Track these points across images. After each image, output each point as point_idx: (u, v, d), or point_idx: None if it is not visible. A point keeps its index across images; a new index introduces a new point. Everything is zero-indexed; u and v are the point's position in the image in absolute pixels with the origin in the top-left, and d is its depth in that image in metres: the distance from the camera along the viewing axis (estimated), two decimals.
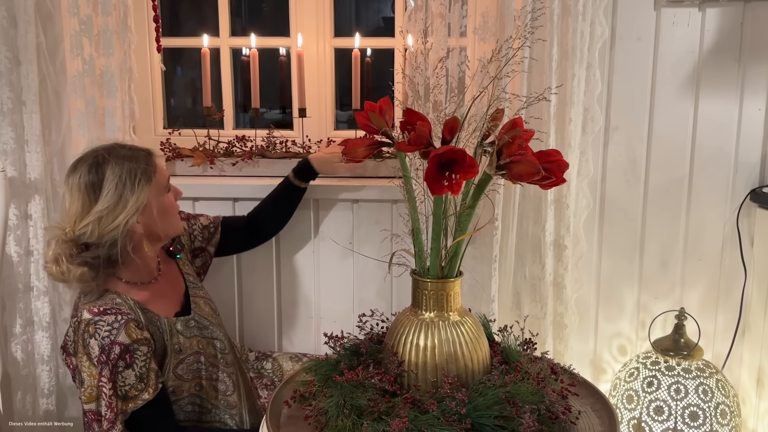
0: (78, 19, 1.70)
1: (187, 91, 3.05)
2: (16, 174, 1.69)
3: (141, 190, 1.38)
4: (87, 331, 1.35)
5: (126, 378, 1.34)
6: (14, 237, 1.71)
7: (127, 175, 1.38)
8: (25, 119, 1.68)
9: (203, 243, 1.72)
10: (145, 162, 1.42)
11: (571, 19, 1.65)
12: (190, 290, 1.61)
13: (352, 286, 1.92)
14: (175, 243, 1.65)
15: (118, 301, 1.40)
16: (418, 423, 1.09)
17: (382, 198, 1.85)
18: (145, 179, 1.40)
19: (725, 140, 1.83)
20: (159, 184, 1.44)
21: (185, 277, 1.63)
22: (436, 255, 1.21)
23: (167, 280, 1.57)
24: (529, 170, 1.10)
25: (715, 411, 1.67)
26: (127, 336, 1.34)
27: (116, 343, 1.33)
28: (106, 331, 1.34)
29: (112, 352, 1.33)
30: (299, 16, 1.99)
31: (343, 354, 1.32)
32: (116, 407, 1.34)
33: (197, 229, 1.71)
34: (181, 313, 1.54)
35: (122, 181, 1.37)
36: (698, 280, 1.90)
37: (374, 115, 1.21)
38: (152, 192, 1.42)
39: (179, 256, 1.65)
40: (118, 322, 1.35)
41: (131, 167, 1.39)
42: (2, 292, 1.70)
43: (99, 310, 1.36)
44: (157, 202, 1.43)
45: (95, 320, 1.35)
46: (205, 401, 1.55)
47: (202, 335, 1.55)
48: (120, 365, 1.33)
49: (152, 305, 1.47)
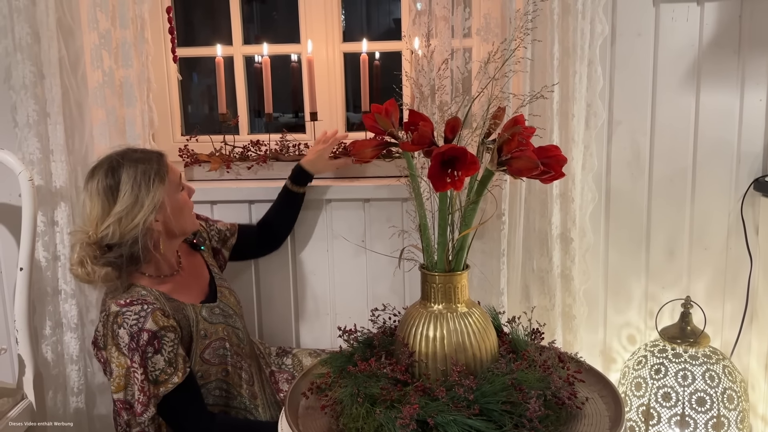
0: (97, 33, 1.77)
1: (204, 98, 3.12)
2: (43, 183, 1.77)
3: (156, 189, 1.46)
4: (116, 322, 1.43)
5: (156, 363, 1.41)
6: (42, 243, 1.79)
7: (141, 176, 1.46)
8: (50, 130, 1.76)
9: (218, 245, 1.79)
10: (157, 163, 1.50)
11: (571, 18, 1.69)
12: (216, 280, 1.69)
13: (366, 282, 1.98)
14: (197, 236, 1.73)
15: (143, 293, 1.48)
16: (428, 409, 1.13)
17: (393, 197, 1.90)
18: (158, 179, 1.47)
19: (727, 131, 1.86)
20: (172, 183, 1.52)
21: (210, 268, 1.71)
22: (443, 249, 1.26)
23: (190, 271, 1.65)
24: (528, 165, 1.14)
25: (722, 396, 1.70)
26: (155, 323, 1.42)
27: (144, 330, 1.40)
28: (134, 319, 1.41)
29: (141, 339, 1.40)
30: (309, 23, 2.05)
31: (357, 347, 1.37)
32: (149, 391, 1.41)
33: (214, 231, 1.79)
34: (206, 301, 1.62)
35: (137, 182, 1.45)
36: (705, 269, 1.94)
37: (380, 117, 1.27)
38: (166, 190, 1.49)
39: (203, 248, 1.73)
40: (145, 311, 1.43)
41: (145, 168, 1.47)
42: (32, 296, 1.78)
43: (126, 302, 1.44)
44: (171, 200, 1.51)
45: (123, 311, 1.43)
46: (231, 387, 1.63)
47: (227, 323, 1.62)
48: (149, 351, 1.40)
49: (176, 295, 1.55)
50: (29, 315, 1.66)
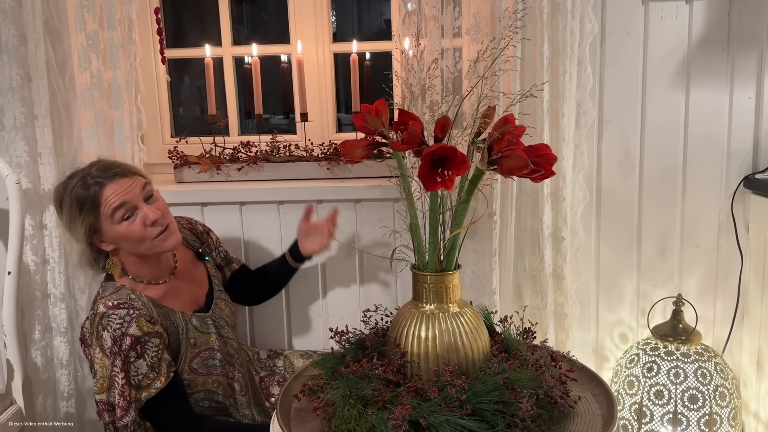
0: (85, 34, 1.75)
1: (194, 100, 3.11)
2: (31, 186, 1.76)
3: (85, 217, 1.46)
4: (101, 323, 1.43)
5: (138, 368, 1.41)
6: (30, 246, 1.78)
7: (73, 202, 1.47)
8: (38, 133, 1.74)
9: (222, 263, 1.80)
10: (93, 194, 1.47)
11: (560, 17, 1.69)
12: (215, 292, 1.68)
13: (358, 283, 1.97)
14: (204, 246, 1.74)
15: (132, 297, 1.48)
16: (420, 410, 1.12)
17: (384, 197, 1.89)
18: (87, 209, 1.46)
19: (717, 129, 1.87)
20: (104, 216, 1.47)
21: (211, 279, 1.70)
22: (434, 249, 1.25)
23: (187, 279, 1.64)
24: (518, 164, 1.14)
25: (714, 393, 1.70)
26: (138, 329, 1.41)
27: (127, 335, 1.40)
28: (118, 323, 1.41)
29: (123, 343, 1.40)
30: (298, 24, 2.05)
31: (349, 348, 1.36)
32: (129, 395, 1.40)
33: (222, 250, 1.80)
34: (199, 310, 1.61)
35: (70, 206, 1.47)
36: (696, 266, 1.94)
37: (370, 117, 1.26)
38: (101, 220, 1.47)
39: (207, 258, 1.73)
40: (130, 315, 1.42)
41: (79, 196, 1.47)
42: (21, 300, 1.76)
43: (113, 304, 1.44)
44: (107, 229, 1.48)
45: (109, 313, 1.43)
46: (223, 398, 1.62)
47: (219, 333, 1.62)
48: (131, 355, 1.40)
49: (167, 301, 1.55)
50: (18, 319, 1.65)
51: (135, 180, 1.49)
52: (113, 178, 1.46)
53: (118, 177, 1.46)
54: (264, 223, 1.95)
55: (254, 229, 1.96)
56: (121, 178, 1.47)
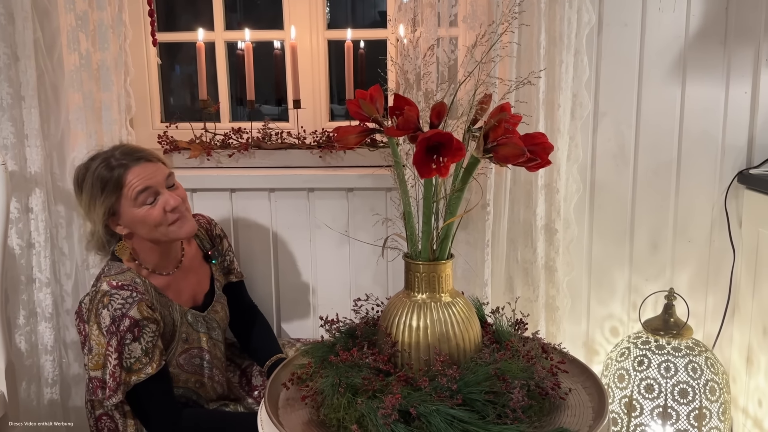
0: (74, 14, 1.72)
1: (186, 87, 3.08)
2: (17, 168, 1.73)
3: (107, 198, 1.47)
4: (102, 301, 1.42)
5: (132, 351, 1.40)
6: (16, 230, 1.75)
7: (96, 181, 1.48)
8: (25, 114, 1.71)
9: (225, 271, 1.78)
10: (117, 176, 1.48)
11: (558, 6, 1.68)
12: (215, 295, 1.68)
13: (349, 272, 1.96)
14: (214, 249, 1.73)
15: (137, 281, 1.48)
16: (410, 399, 1.11)
17: (377, 186, 1.88)
18: (109, 190, 1.47)
19: (712, 123, 1.86)
20: (126, 198, 1.48)
21: (214, 283, 1.70)
22: (427, 238, 1.24)
23: (190, 276, 1.64)
24: (514, 152, 1.12)
25: (704, 388, 1.70)
26: (138, 312, 1.41)
27: (127, 316, 1.40)
28: (119, 303, 1.41)
29: (122, 324, 1.39)
30: (292, 9, 2.02)
31: (339, 337, 1.35)
32: (119, 377, 1.39)
33: (229, 258, 1.77)
34: (195, 309, 1.62)
35: (90, 186, 1.48)
36: (688, 261, 1.94)
37: (365, 103, 1.24)
38: (122, 203, 1.48)
39: (214, 261, 1.72)
40: (132, 298, 1.42)
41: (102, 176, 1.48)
42: (5, 285, 1.73)
43: (117, 284, 1.44)
44: (127, 212, 1.49)
45: (111, 293, 1.43)
46: (201, 399, 1.62)
47: (210, 335, 1.62)
48: (128, 337, 1.39)
49: (168, 292, 1.55)
50: (2, 304, 1.62)
51: (158, 167, 1.51)
52: (138, 161, 1.49)
53: (142, 161, 1.49)
54: (254, 210, 1.93)
55: (245, 217, 1.93)
56: (145, 162, 1.49)
